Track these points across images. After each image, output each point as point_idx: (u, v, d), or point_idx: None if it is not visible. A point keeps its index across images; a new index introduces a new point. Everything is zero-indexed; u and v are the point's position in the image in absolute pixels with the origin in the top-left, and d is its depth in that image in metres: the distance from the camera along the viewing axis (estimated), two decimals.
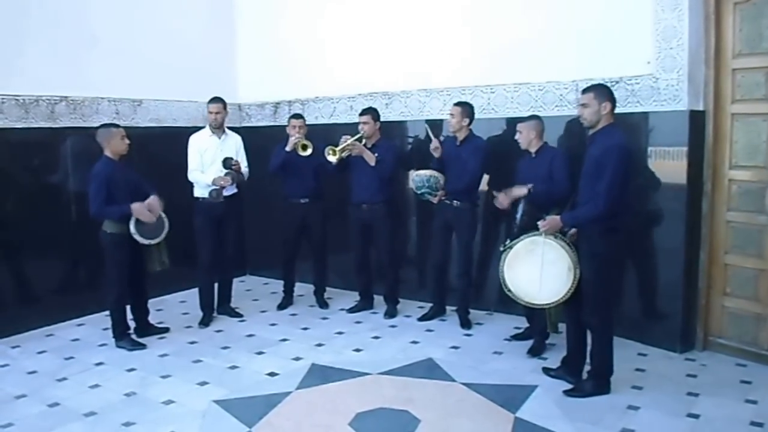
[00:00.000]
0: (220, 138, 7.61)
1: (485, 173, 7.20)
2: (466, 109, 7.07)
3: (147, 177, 7.00)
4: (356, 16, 8.55)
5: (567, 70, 6.94)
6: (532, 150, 6.45)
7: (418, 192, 7.22)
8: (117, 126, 6.80)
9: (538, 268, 5.54)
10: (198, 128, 7.76)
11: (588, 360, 5.60)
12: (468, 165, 7.02)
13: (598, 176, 5.11)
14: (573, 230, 5.54)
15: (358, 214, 7.73)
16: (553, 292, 5.50)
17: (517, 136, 6.51)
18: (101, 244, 6.72)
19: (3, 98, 7.13)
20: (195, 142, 7.56)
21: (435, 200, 7.17)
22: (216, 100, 7.59)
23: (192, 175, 7.51)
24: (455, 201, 7.10)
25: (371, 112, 7.62)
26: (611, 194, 5.05)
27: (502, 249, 5.84)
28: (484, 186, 7.27)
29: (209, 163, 7.50)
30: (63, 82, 7.64)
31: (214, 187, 7.31)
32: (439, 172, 7.12)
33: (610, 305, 5.45)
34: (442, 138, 7.47)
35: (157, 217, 6.75)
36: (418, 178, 7.15)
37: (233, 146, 7.71)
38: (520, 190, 6.19)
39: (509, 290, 5.71)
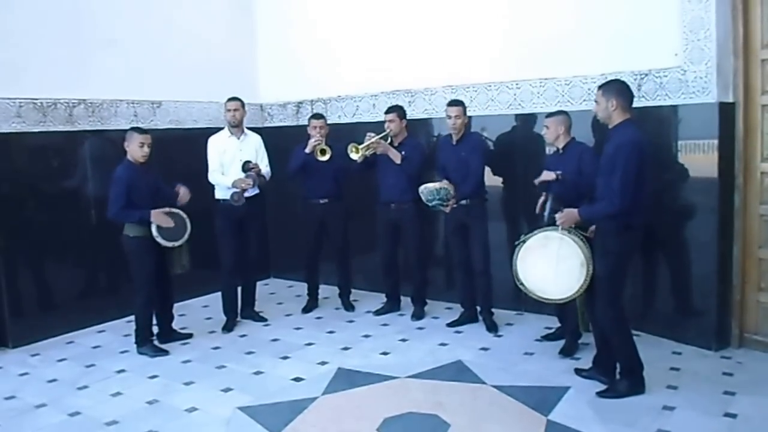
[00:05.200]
0: (239, 138, 7.55)
1: (486, 165, 7.22)
2: (463, 107, 7.09)
3: (167, 180, 6.94)
4: (378, 13, 8.49)
5: (593, 64, 6.85)
6: (560, 145, 6.36)
7: (430, 204, 7.12)
8: (142, 132, 6.68)
9: (551, 264, 5.59)
10: (218, 129, 7.69)
11: None
12: (470, 165, 7.02)
13: (611, 173, 5.11)
14: (593, 227, 5.57)
15: (387, 214, 7.66)
16: (565, 288, 5.53)
17: (543, 131, 6.45)
18: (124, 249, 6.68)
19: (21, 102, 7.10)
20: (214, 144, 7.51)
21: (447, 210, 7.08)
22: (234, 98, 7.54)
23: (212, 177, 7.46)
24: (464, 200, 7.05)
25: (397, 109, 7.56)
26: (625, 191, 5.04)
27: (516, 243, 5.86)
28: (496, 182, 7.37)
29: (229, 164, 7.44)
30: (81, 84, 7.60)
31: (235, 190, 7.25)
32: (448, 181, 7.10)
33: (620, 301, 5.37)
34: (435, 137, 7.83)
35: (177, 220, 6.70)
36: (427, 191, 7.04)
37: (253, 146, 7.65)
38: (549, 175, 6.14)
39: (522, 284, 5.76)
